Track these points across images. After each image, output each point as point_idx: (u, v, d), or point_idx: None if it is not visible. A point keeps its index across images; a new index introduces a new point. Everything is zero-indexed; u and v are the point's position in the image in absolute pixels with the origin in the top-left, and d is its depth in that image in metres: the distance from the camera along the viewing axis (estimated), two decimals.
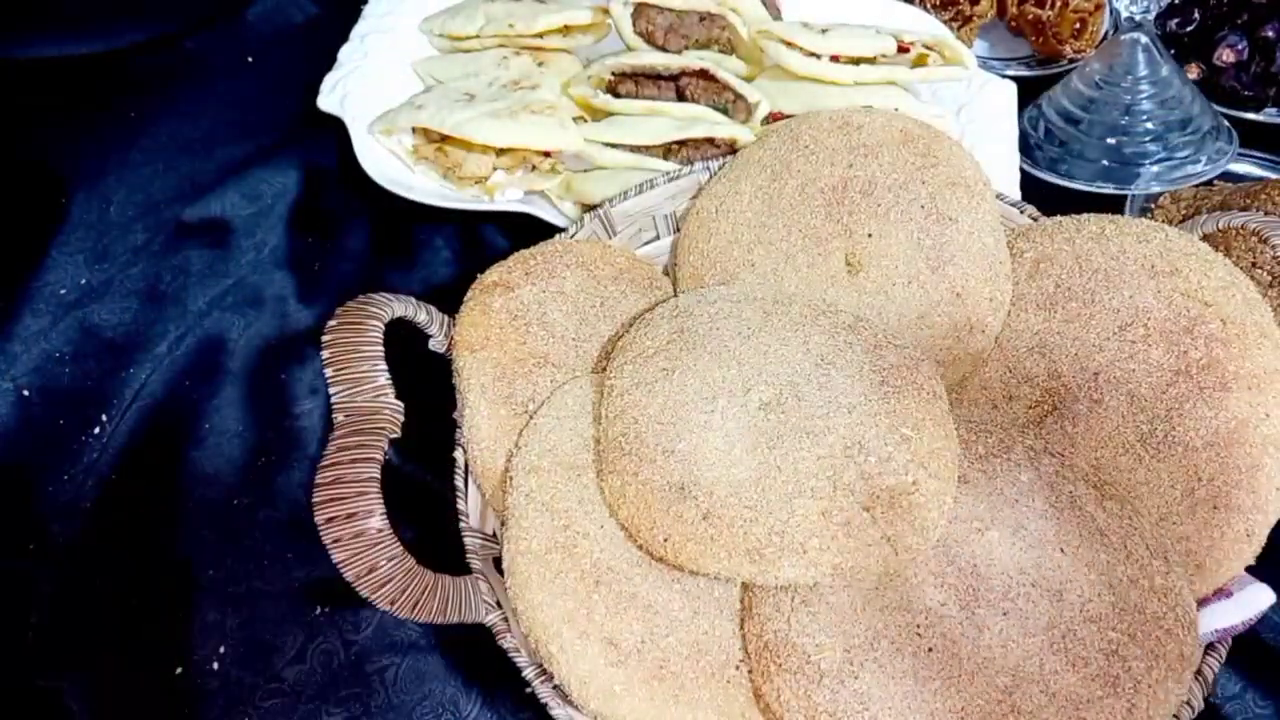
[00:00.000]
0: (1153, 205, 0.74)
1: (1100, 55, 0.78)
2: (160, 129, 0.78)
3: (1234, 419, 0.47)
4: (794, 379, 0.47)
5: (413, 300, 0.52)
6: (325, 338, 0.48)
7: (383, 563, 0.44)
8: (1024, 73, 0.83)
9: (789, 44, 0.70)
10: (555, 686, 0.45)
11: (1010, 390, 0.52)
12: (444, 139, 0.69)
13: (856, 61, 0.71)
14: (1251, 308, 0.49)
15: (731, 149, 0.70)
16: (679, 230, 0.62)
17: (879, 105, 0.71)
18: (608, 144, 0.69)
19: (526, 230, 0.68)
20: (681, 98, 0.72)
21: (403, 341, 0.52)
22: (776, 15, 0.76)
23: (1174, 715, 0.42)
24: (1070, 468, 0.47)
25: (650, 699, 0.44)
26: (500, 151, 0.68)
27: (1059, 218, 0.56)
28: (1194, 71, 0.83)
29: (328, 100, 0.72)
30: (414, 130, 0.71)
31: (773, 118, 0.72)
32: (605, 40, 0.76)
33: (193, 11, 0.85)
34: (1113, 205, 0.73)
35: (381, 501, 0.44)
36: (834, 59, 0.71)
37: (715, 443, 0.45)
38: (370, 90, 0.73)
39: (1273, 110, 0.81)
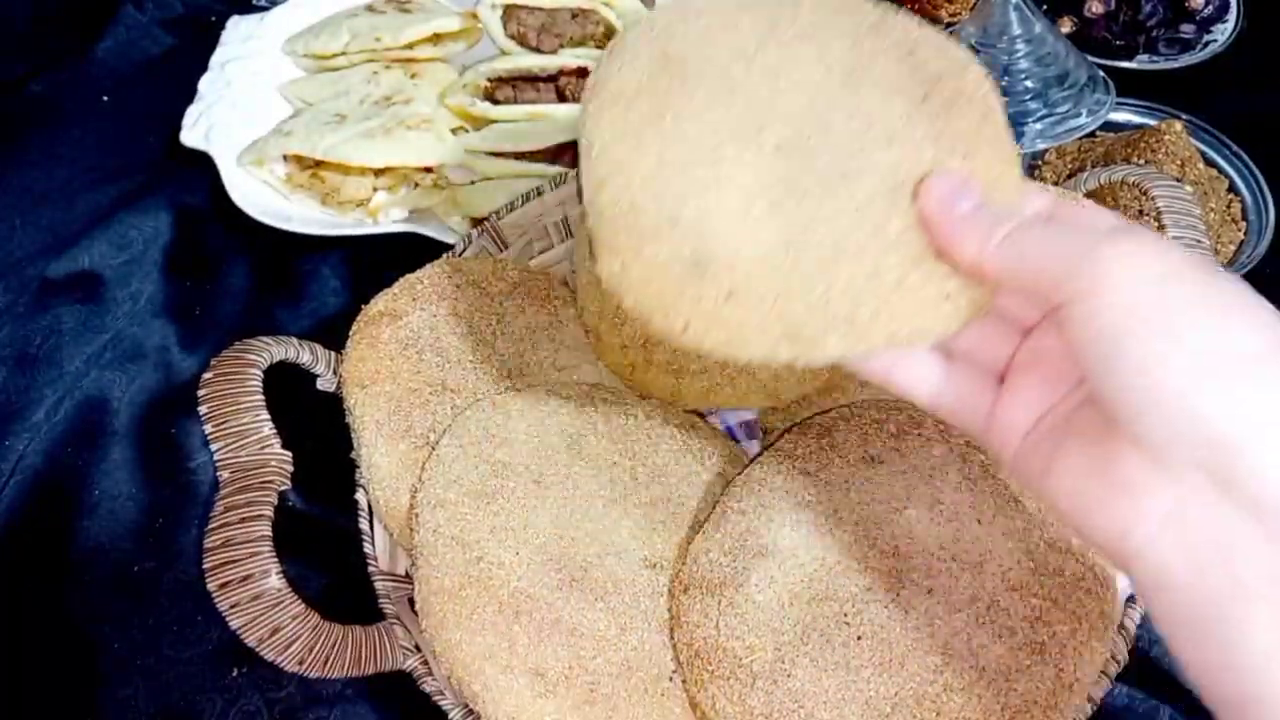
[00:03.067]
0: (1040, 162, 0.75)
1: (974, 18, 0.78)
2: (13, 181, 0.74)
3: None
4: (816, 106, 0.36)
5: (294, 341, 0.49)
6: (201, 391, 0.45)
7: (286, 622, 0.42)
8: None
9: None
10: None
11: None
12: (318, 164, 0.66)
13: None
14: None
15: None
16: (572, 236, 0.61)
17: None
18: (491, 153, 0.68)
19: (416, 250, 0.65)
20: (563, 98, 0.70)
21: (297, 381, 0.50)
22: (651, 5, 0.74)
23: (1101, 672, 0.42)
24: None
25: None
26: (379, 171, 0.66)
27: None
28: (1066, 25, 0.84)
29: (192, 135, 0.69)
30: (286, 158, 0.68)
31: None
32: (478, 46, 0.74)
33: (35, 52, 0.80)
34: None
35: (276, 559, 0.42)
36: None
37: (729, 203, 0.35)
38: (236, 120, 0.70)
39: (1144, 57, 0.83)
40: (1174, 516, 0.28)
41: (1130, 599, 0.45)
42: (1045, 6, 0.85)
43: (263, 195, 0.68)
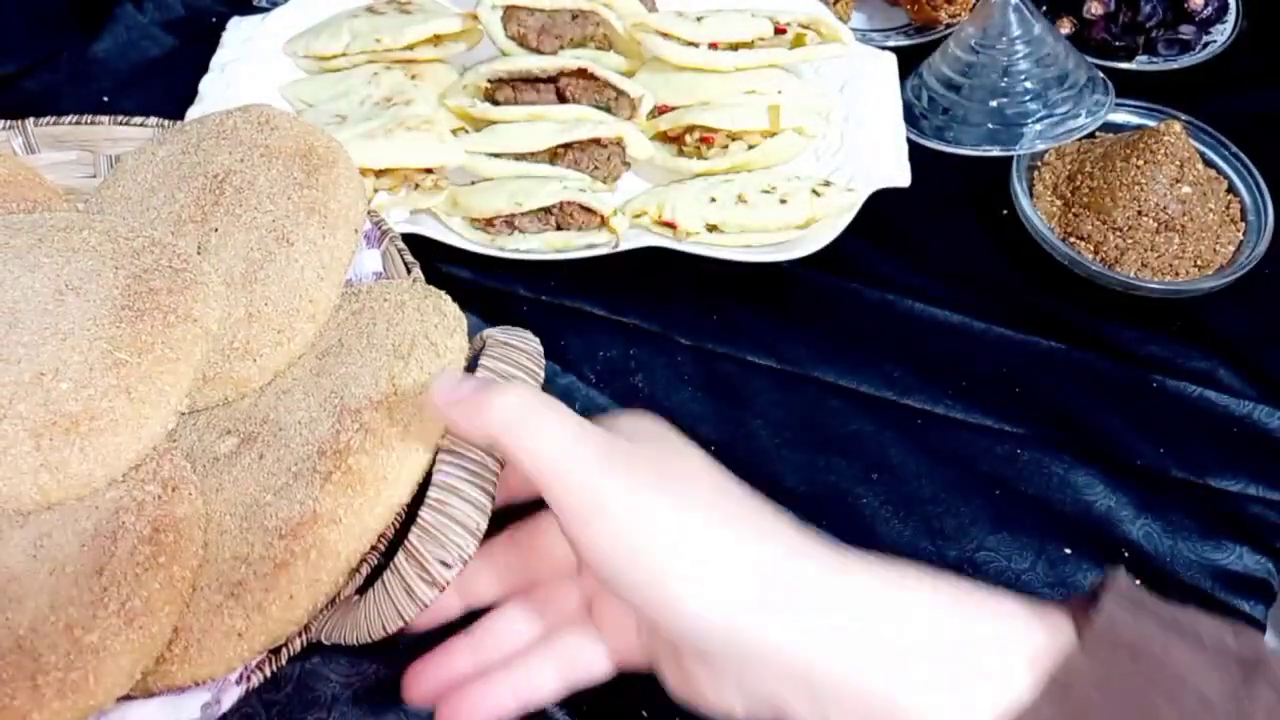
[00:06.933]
0: (1039, 163, 0.75)
1: (974, 19, 0.78)
2: None
3: None
4: (17, 308, 0.44)
5: None
6: None
7: None
8: (903, 42, 0.84)
9: (665, 35, 0.69)
10: None
11: None
12: None
13: (735, 47, 0.70)
14: None
15: (620, 146, 0.69)
16: None
17: (762, 88, 0.70)
18: (491, 154, 0.68)
19: (416, 250, 0.65)
20: (562, 99, 0.70)
21: None
22: (651, 7, 0.74)
23: None
24: None
25: None
26: (379, 172, 0.66)
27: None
28: (1066, 26, 0.84)
29: None
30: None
31: (659, 110, 0.71)
32: (479, 47, 0.74)
33: (30, 49, 0.80)
34: (1000, 166, 0.73)
35: None
36: (712, 46, 0.70)
37: None
38: None
39: (1143, 58, 0.83)
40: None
41: None
42: (1045, 7, 0.85)
43: None
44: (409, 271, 0.52)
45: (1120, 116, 0.77)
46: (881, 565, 0.32)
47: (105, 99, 0.79)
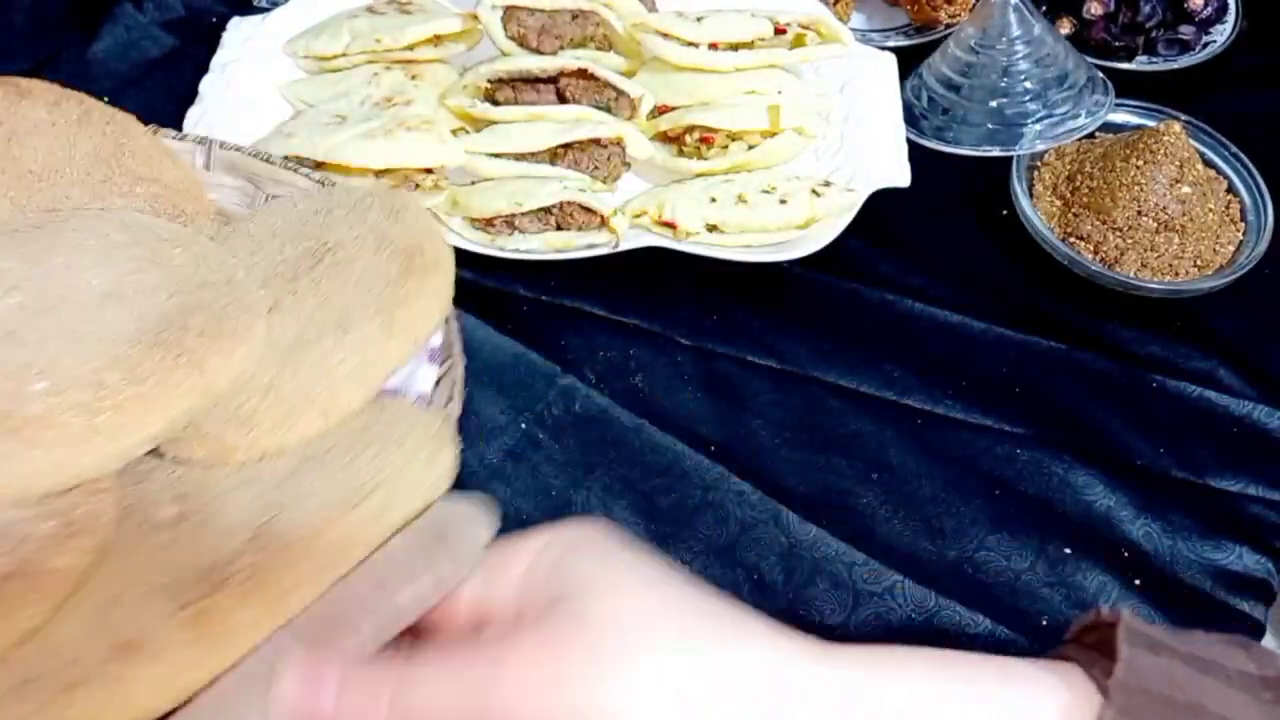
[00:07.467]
0: (1038, 163, 0.75)
1: (974, 19, 0.78)
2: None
3: None
4: (66, 296, 0.42)
5: None
6: None
7: None
8: (903, 42, 0.84)
9: (665, 35, 0.69)
10: None
11: None
12: (319, 165, 0.66)
13: (735, 47, 0.70)
14: None
15: (619, 146, 0.69)
16: None
17: (762, 89, 0.70)
18: (491, 154, 0.68)
19: None
20: (562, 99, 0.70)
21: None
22: (651, 7, 0.74)
23: None
24: None
25: None
26: (380, 173, 0.66)
27: None
28: (1066, 26, 0.84)
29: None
30: (287, 160, 0.68)
31: (659, 110, 0.72)
32: (479, 47, 0.74)
33: (30, 49, 0.80)
34: (1000, 166, 0.73)
35: None
36: (712, 46, 0.70)
37: None
38: (237, 122, 0.69)
39: (1143, 58, 0.83)
40: None
41: None
42: (1044, 8, 0.85)
43: None
44: (446, 406, 0.49)
45: (1120, 116, 0.77)
46: (871, 659, 0.30)
47: (105, 99, 0.78)
